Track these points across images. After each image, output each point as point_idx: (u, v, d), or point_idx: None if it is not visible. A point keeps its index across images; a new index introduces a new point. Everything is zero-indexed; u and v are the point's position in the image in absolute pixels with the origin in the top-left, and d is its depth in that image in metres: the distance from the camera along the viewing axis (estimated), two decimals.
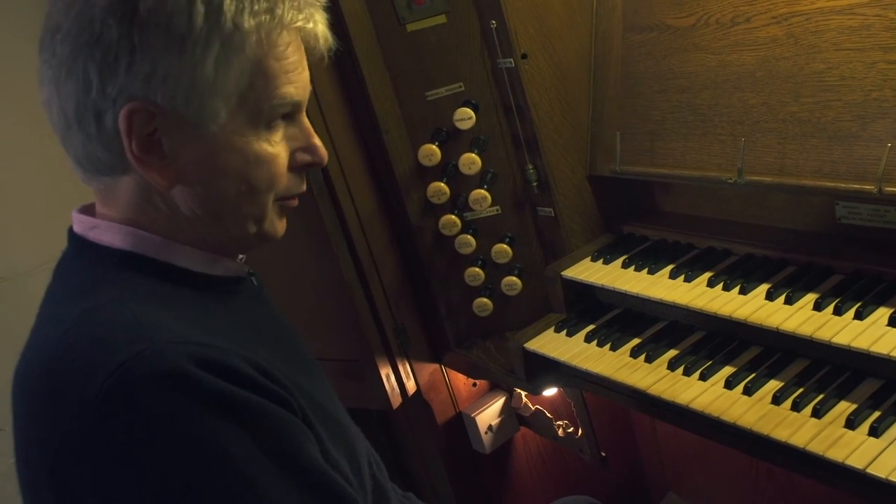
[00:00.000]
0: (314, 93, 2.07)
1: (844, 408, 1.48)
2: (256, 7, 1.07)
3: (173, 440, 0.94)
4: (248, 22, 1.06)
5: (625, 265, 2.00)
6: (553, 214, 2.12)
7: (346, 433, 1.25)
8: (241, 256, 1.30)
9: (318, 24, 1.16)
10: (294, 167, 1.18)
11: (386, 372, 2.31)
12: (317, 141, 1.19)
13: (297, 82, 1.13)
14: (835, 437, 1.42)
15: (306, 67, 1.16)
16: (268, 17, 1.08)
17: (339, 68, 2.11)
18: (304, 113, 1.19)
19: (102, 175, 1.12)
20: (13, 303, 2.60)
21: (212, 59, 1.05)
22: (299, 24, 1.12)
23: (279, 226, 1.22)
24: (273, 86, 1.10)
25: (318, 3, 1.16)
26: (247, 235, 1.18)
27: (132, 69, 1.03)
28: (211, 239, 1.16)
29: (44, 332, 1.09)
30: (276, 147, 1.14)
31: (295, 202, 1.23)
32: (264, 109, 1.11)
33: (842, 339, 1.51)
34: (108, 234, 1.13)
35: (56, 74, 1.07)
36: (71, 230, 1.18)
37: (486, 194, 2.13)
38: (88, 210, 1.19)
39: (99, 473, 0.95)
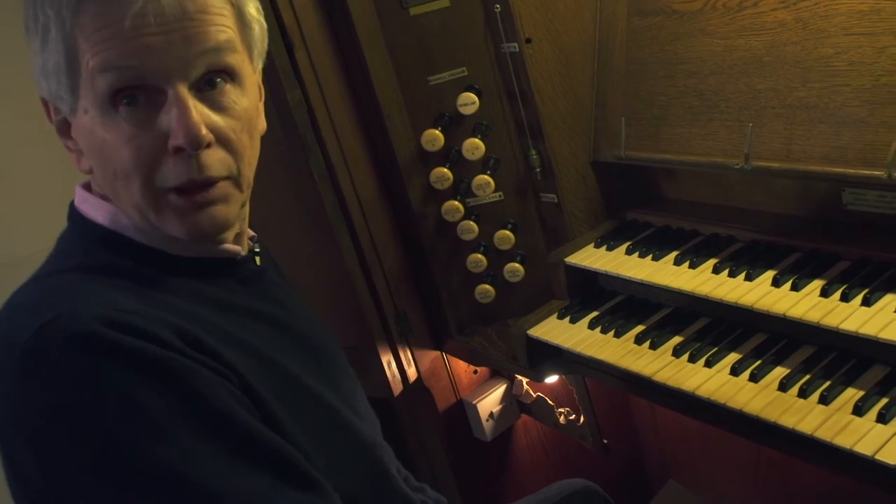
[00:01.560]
0: (315, 77, 2.05)
1: (852, 394, 1.47)
2: None
3: (91, 399, 0.97)
4: (52, 2, 1.07)
5: (628, 251, 1.99)
6: (556, 201, 2.11)
7: (345, 427, 1.25)
8: (251, 234, 1.31)
9: None
10: (171, 153, 1.08)
11: (387, 359, 2.30)
12: (182, 119, 1.05)
13: (116, 49, 1.03)
14: (842, 423, 1.41)
15: (165, 33, 1.04)
16: None
17: (341, 52, 2.10)
18: (179, 89, 1.06)
19: None
20: (13, 288, 2.58)
21: (37, 46, 1.10)
22: None
23: (176, 224, 1.11)
24: (86, 60, 1.05)
25: None
26: (159, 227, 1.13)
27: (33, 62, 1.13)
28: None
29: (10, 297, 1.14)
30: (125, 128, 1.06)
31: (194, 198, 1.10)
32: (91, 86, 1.05)
33: (849, 325, 1.50)
34: (92, 209, 1.18)
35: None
36: (71, 202, 1.23)
37: (489, 180, 2.12)
38: (89, 185, 1.22)
39: (28, 427, 0.99)
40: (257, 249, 1.31)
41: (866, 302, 1.53)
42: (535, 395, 2.45)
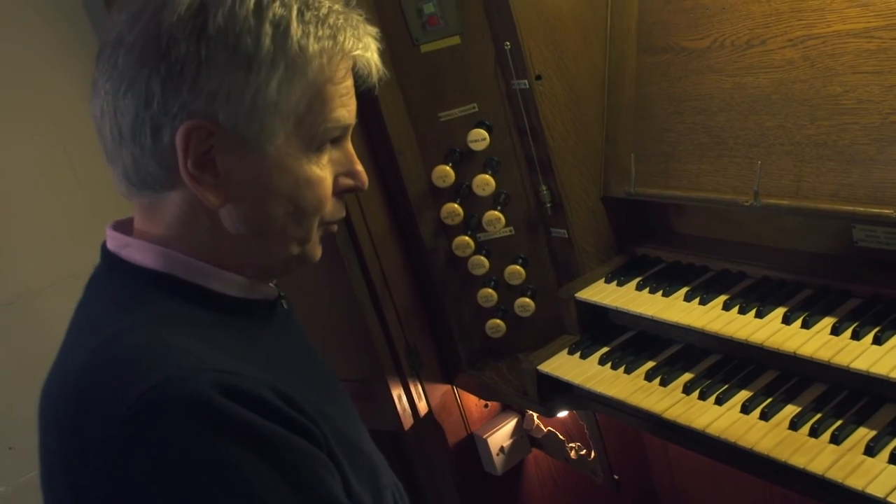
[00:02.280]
0: None
1: (863, 434, 1.46)
2: (321, 33, 1.08)
3: (195, 469, 0.94)
4: (313, 46, 1.08)
5: (639, 287, 1.99)
6: (567, 236, 2.11)
7: (369, 463, 1.24)
8: (273, 281, 1.29)
9: (374, 54, 1.17)
10: (337, 191, 1.19)
11: (398, 393, 2.30)
12: (359, 166, 1.21)
13: (349, 106, 1.15)
14: (854, 464, 1.40)
15: (354, 94, 1.17)
16: (331, 42, 1.10)
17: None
18: (349, 138, 1.20)
19: (150, 190, 1.11)
20: (27, 321, 2.61)
21: (276, 81, 1.06)
22: (358, 52, 1.14)
23: (318, 250, 1.23)
24: (328, 109, 1.12)
25: (373, 34, 1.18)
26: (288, 258, 1.18)
27: (196, 86, 1.04)
28: (250, 260, 1.16)
29: (72, 352, 1.09)
30: (324, 170, 1.15)
31: (335, 227, 1.24)
32: (318, 133, 1.12)
33: (860, 364, 1.49)
34: (140, 252, 1.13)
35: (115, 87, 1.06)
36: (104, 246, 1.18)
37: (500, 215, 2.13)
38: (122, 226, 1.18)
39: (122, 499, 0.95)
40: (282, 293, 1.32)
41: (877, 340, 1.53)
42: (545, 430, 2.44)
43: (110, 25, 1.09)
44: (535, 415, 2.43)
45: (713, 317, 1.77)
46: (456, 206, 2.14)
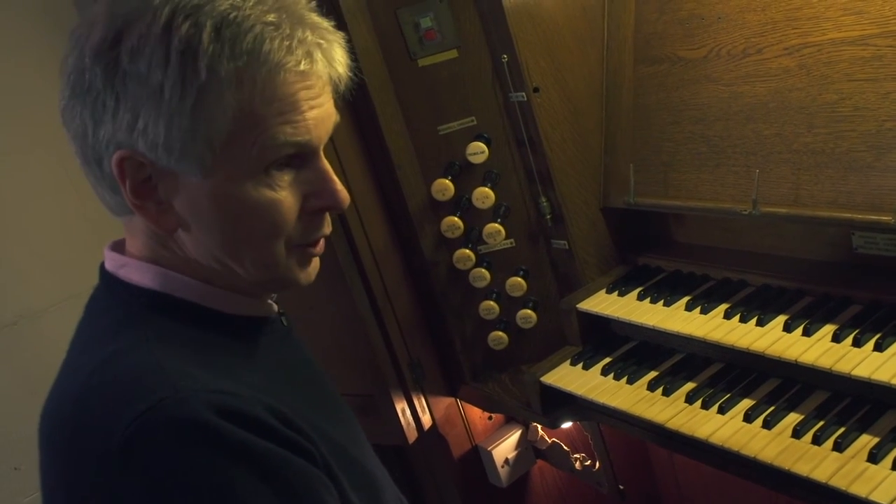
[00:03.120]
0: None
1: (866, 441, 1.46)
2: (238, 49, 1.02)
3: (192, 490, 0.94)
4: (226, 66, 1.01)
5: (640, 297, 1.99)
6: (567, 247, 2.12)
7: (371, 480, 1.23)
8: (272, 297, 1.28)
9: (318, 63, 1.07)
10: (308, 212, 1.13)
11: (401, 406, 2.30)
12: (334, 185, 1.14)
13: (296, 122, 1.06)
14: (857, 471, 1.40)
15: (321, 105, 1.09)
16: (249, 58, 1.02)
17: (352, 103, 2.12)
18: (321, 155, 1.13)
19: (117, 215, 1.13)
20: (30, 342, 2.61)
21: (188, 108, 1.01)
22: (289, 65, 1.04)
23: (300, 273, 1.17)
24: (262, 129, 1.05)
25: (326, 41, 1.09)
26: (259, 280, 1.15)
27: (116, 118, 1.02)
28: (227, 281, 1.15)
29: (71, 373, 1.10)
30: (279, 192, 1.09)
31: (316, 249, 1.18)
32: (255, 154, 1.05)
33: (862, 371, 1.49)
34: (137, 273, 1.13)
35: (64, 118, 1.08)
36: (102, 267, 1.18)
37: (500, 228, 2.13)
38: (119, 247, 1.18)
39: None
40: (282, 310, 1.32)
41: (878, 347, 1.53)
42: (550, 441, 2.44)
43: (63, 56, 1.09)
44: (539, 426, 2.43)
45: (714, 326, 1.77)
46: (456, 219, 2.15)
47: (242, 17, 1.02)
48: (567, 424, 2.16)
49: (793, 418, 1.58)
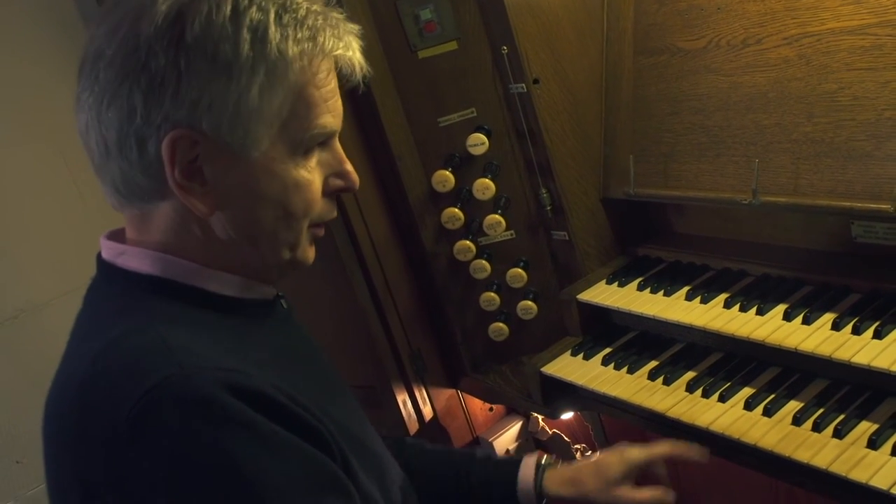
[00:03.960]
0: None
1: (866, 428, 1.47)
2: (300, 35, 1.08)
3: (200, 466, 0.95)
4: (292, 49, 1.08)
5: (640, 287, 2.00)
6: (567, 238, 2.12)
7: (376, 458, 1.25)
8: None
9: (356, 52, 1.17)
10: (327, 192, 1.19)
11: (402, 398, 2.31)
12: (349, 167, 1.21)
13: (334, 110, 1.15)
14: (857, 457, 1.41)
15: (340, 95, 1.17)
16: (310, 44, 1.10)
17: (352, 95, 2.12)
18: (337, 139, 1.20)
19: (140, 201, 1.12)
20: (31, 335, 2.61)
21: (257, 87, 1.06)
22: (339, 51, 1.14)
23: (310, 252, 1.23)
24: (314, 114, 1.12)
25: (355, 32, 1.17)
26: (280, 262, 1.19)
27: (178, 96, 1.04)
28: (243, 264, 1.17)
29: (74, 360, 1.10)
30: (312, 173, 1.15)
31: (322, 230, 1.24)
32: (305, 137, 1.12)
33: (861, 358, 1.50)
34: (136, 259, 1.14)
35: (98, 101, 1.07)
36: (99, 256, 1.18)
37: (501, 219, 2.14)
38: (116, 236, 1.19)
39: (130, 499, 0.96)
40: (280, 293, 1.33)
41: (878, 335, 1.53)
42: (551, 432, 2.45)
43: (89, 39, 1.09)
44: (539, 417, 2.44)
45: (714, 315, 1.78)
46: (456, 210, 2.15)
47: (297, 5, 1.10)
48: (568, 415, 2.17)
49: (793, 406, 1.59)
